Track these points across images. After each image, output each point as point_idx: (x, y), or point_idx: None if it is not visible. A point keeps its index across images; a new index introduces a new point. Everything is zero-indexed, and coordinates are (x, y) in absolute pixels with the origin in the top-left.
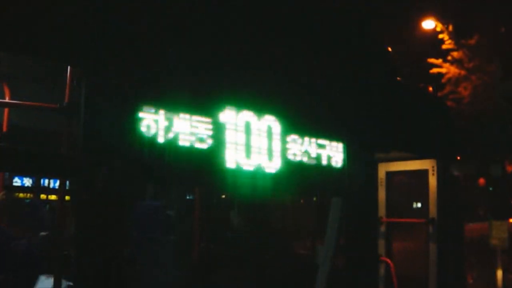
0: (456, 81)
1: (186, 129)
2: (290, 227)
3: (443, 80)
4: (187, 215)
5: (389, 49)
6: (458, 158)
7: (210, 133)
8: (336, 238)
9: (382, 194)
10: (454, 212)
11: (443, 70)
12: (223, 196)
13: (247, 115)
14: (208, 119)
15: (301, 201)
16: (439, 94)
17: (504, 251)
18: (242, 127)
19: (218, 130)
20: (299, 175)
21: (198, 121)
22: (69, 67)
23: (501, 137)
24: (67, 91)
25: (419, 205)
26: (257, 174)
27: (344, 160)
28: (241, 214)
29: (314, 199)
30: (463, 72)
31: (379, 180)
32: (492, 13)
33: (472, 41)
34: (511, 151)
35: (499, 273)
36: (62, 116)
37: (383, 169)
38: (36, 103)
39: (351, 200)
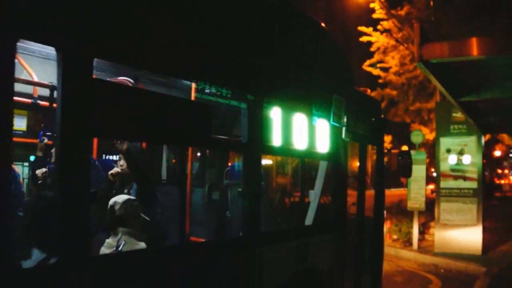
0: (385, 50)
1: None
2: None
3: (372, 49)
4: None
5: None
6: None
7: None
8: (321, 186)
9: None
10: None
11: (372, 39)
12: None
13: None
14: None
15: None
16: (368, 62)
17: (421, 213)
18: None
19: None
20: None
21: None
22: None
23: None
24: None
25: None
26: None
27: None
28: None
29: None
30: (392, 42)
31: None
32: None
33: (402, 12)
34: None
35: (415, 233)
36: None
37: None
38: None
39: (331, 163)
